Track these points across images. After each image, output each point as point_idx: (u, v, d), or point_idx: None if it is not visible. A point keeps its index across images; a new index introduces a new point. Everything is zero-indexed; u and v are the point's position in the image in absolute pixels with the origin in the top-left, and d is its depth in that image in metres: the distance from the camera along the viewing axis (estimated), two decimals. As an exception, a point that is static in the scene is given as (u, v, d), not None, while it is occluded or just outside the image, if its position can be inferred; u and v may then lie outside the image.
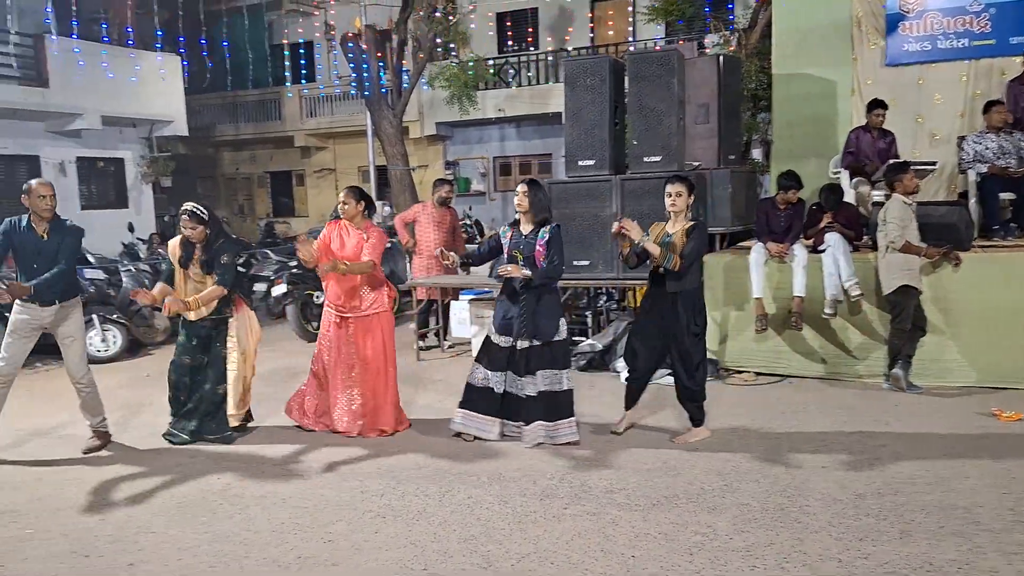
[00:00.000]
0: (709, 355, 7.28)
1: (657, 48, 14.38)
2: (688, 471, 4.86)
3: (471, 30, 18.12)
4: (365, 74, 14.05)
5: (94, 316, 9.03)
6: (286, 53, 19.95)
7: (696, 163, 8.28)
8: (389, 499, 4.55)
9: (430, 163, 20.57)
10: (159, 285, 5.81)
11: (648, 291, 5.51)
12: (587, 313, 8.99)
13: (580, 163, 7.86)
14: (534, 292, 5.34)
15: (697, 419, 5.50)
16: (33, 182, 5.58)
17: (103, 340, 9.15)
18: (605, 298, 9.15)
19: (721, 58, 8.65)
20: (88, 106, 15.04)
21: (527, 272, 5.25)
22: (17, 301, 5.46)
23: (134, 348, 9.55)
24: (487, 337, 5.56)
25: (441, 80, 17.17)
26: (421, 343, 8.96)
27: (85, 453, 5.68)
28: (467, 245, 10.42)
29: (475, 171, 20.40)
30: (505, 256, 5.48)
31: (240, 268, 11.54)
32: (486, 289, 9.03)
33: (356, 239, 5.80)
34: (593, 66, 7.91)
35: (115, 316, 9.28)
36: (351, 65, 14.65)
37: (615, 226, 5.24)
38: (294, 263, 10.57)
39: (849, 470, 4.78)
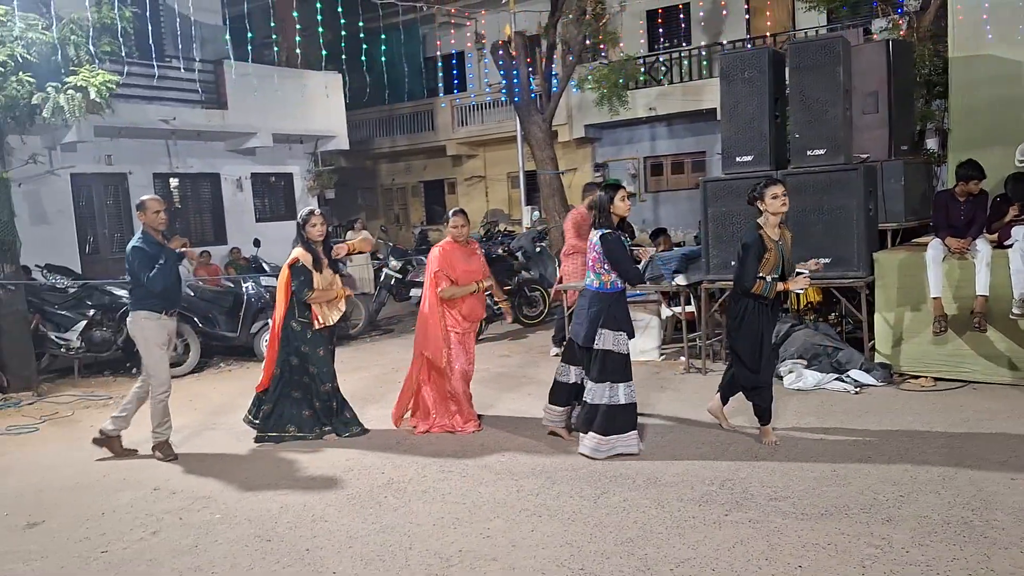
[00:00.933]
0: (881, 359, 6.96)
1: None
2: (860, 480, 4.60)
3: (621, 29, 18.00)
4: (515, 80, 14.25)
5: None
6: (439, 64, 20.59)
7: (864, 155, 7.86)
8: (544, 499, 4.58)
9: (579, 166, 20.59)
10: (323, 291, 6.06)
11: (756, 302, 5.29)
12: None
13: (738, 159, 7.64)
14: (583, 298, 5.53)
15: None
16: (146, 198, 5.82)
17: (277, 342, 9.73)
18: (764, 299, 8.82)
19: (890, 43, 8.19)
20: (261, 125, 16.09)
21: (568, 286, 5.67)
22: (149, 314, 5.75)
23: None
24: (625, 355, 5.32)
25: (591, 82, 17.13)
26: (558, 349, 8.99)
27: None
28: None
29: (625, 172, 20.23)
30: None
31: (397, 274, 12.04)
32: (636, 292, 8.93)
33: (474, 255, 6.24)
34: (751, 58, 7.68)
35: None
36: (501, 72, 14.91)
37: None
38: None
39: (1045, 483, 4.38)
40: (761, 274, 5.16)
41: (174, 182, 16.06)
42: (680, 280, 7.86)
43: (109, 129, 13.25)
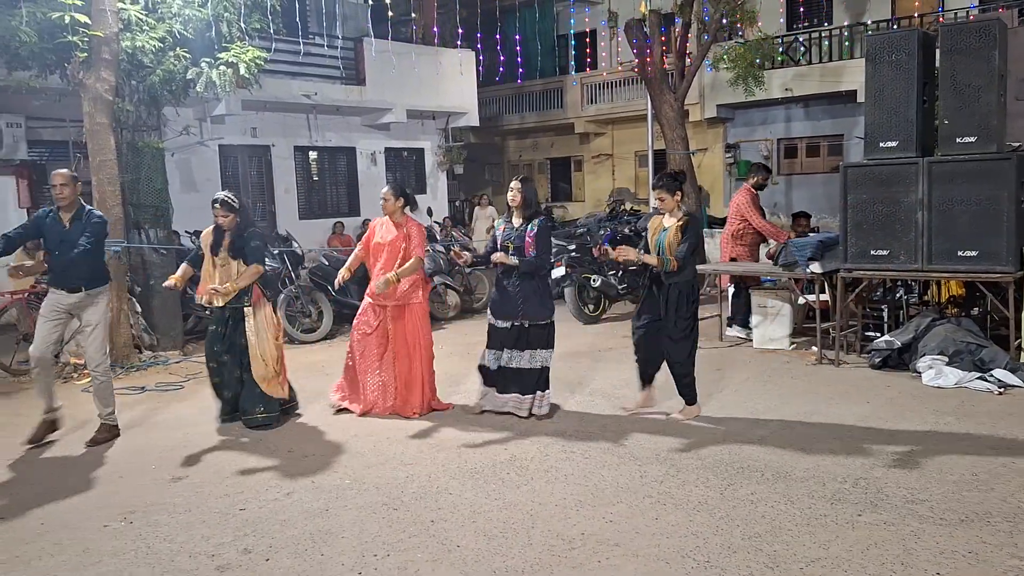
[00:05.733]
0: (1029, 361, 6.56)
1: (972, 18, 12.89)
2: (1003, 486, 4.37)
3: (759, 7, 17.40)
4: (648, 58, 14.01)
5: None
6: (572, 43, 20.49)
7: (1017, 143, 7.36)
8: (669, 486, 4.56)
9: (709, 146, 20.12)
10: (182, 266, 6.12)
11: (647, 286, 5.87)
12: (883, 307, 8.36)
13: (882, 144, 7.29)
14: (526, 279, 5.89)
15: (689, 397, 5.88)
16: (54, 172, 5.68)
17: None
18: (903, 291, 8.43)
19: (1053, 25, 7.60)
20: (396, 101, 16.51)
21: (514, 260, 5.81)
22: (50, 288, 5.69)
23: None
24: (489, 323, 6.03)
25: (726, 61, 16.66)
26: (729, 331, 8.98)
27: (88, 445, 5.68)
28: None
29: (757, 154, 19.62)
30: (499, 247, 5.98)
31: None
32: (768, 278, 8.70)
33: (395, 233, 6.23)
34: (900, 40, 7.27)
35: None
36: (634, 51, 14.69)
37: (610, 252, 5.82)
38: (572, 247, 10.89)
39: None
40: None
41: (313, 155, 16.74)
42: (815, 268, 7.60)
43: (255, 103, 13.92)
